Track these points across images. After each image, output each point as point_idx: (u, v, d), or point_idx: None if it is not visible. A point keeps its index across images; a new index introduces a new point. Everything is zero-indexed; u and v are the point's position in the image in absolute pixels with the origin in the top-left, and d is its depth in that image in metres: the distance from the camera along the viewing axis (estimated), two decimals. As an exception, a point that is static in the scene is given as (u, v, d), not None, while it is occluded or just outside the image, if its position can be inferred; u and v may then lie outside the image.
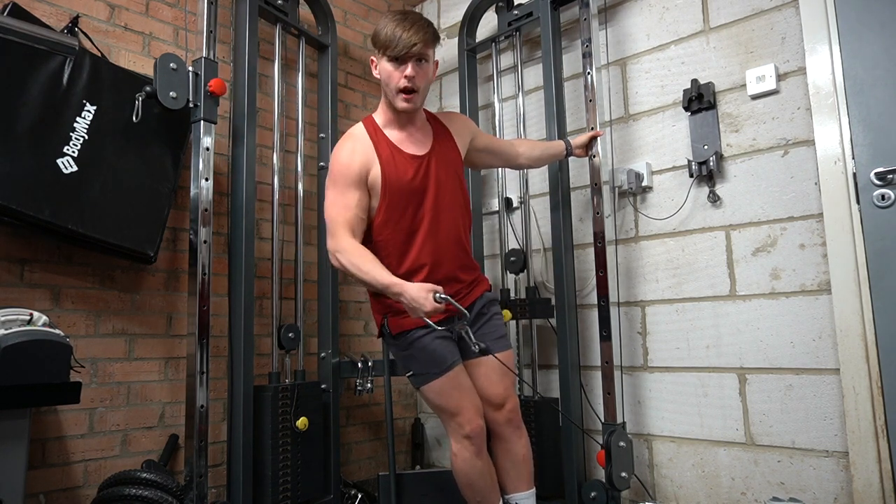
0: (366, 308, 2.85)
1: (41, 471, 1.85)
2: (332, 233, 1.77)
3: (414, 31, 1.76)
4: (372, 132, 1.86)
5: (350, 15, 3.00)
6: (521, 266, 2.58)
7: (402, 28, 1.76)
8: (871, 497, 1.78)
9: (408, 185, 1.82)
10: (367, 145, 1.83)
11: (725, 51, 2.19)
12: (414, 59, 1.78)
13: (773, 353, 2.02)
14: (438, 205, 1.86)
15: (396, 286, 1.65)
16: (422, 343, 1.82)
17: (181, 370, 2.17)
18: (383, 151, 1.83)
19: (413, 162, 1.85)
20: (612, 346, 2.17)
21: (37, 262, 1.90)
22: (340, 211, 1.77)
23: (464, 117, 2.18)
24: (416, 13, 1.85)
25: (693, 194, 2.23)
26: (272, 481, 2.12)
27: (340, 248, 1.74)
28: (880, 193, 1.83)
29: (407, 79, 1.78)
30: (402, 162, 1.83)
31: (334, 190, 1.80)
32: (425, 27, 1.80)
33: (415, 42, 1.75)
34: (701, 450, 2.16)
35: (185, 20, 2.31)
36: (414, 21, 1.78)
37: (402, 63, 1.78)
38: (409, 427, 2.96)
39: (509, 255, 2.61)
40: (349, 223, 1.77)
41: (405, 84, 1.79)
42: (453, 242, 1.88)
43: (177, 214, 2.18)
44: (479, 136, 2.11)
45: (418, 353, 1.82)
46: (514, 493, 1.92)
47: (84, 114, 1.89)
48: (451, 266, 1.87)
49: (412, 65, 1.78)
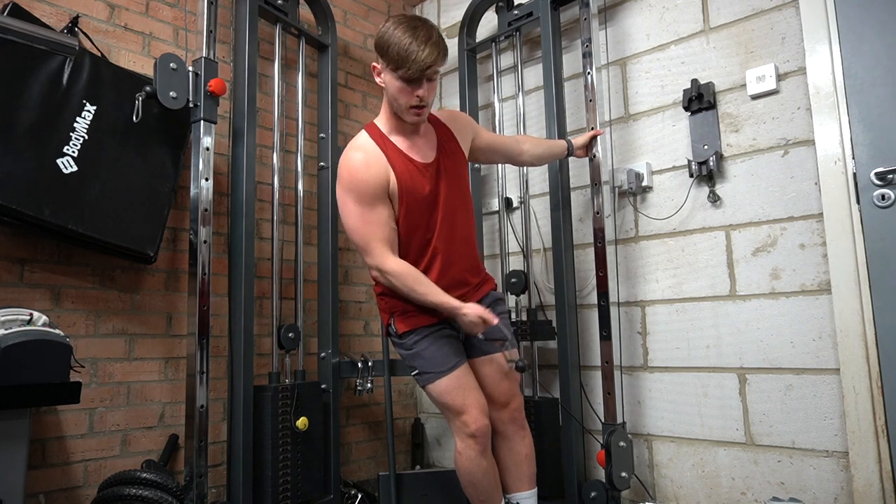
0: (366, 308, 2.85)
1: (41, 471, 1.85)
2: (372, 252, 1.74)
3: (428, 53, 1.65)
4: (379, 142, 1.80)
5: (350, 15, 3.00)
6: (523, 288, 2.56)
7: (415, 47, 1.64)
8: (871, 497, 1.78)
9: (423, 195, 1.80)
10: (379, 157, 1.77)
11: (725, 51, 2.19)
12: (426, 79, 1.71)
13: (773, 353, 2.02)
14: (449, 209, 1.85)
15: (462, 308, 1.73)
16: (427, 342, 1.82)
17: (181, 370, 2.17)
18: (396, 163, 1.77)
19: (426, 171, 1.82)
20: (612, 346, 2.17)
21: (37, 262, 1.90)
22: (376, 229, 1.74)
23: (464, 116, 2.13)
24: (427, 25, 1.71)
25: (693, 194, 2.23)
26: (272, 481, 2.11)
27: (389, 269, 1.74)
28: (880, 193, 1.83)
29: (419, 98, 1.72)
30: (415, 173, 1.80)
31: (359, 207, 1.74)
32: (437, 44, 1.69)
33: (429, 64, 1.67)
34: (701, 450, 2.16)
35: (185, 20, 2.31)
36: (427, 39, 1.67)
37: (414, 84, 1.69)
38: (409, 427, 2.96)
39: (510, 276, 2.59)
40: (388, 240, 1.76)
41: (417, 102, 1.73)
42: (464, 244, 1.89)
43: (177, 214, 2.18)
44: (480, 133, 2.09)
45: (424, 352, 1.82)
46: (515, 493, 1.92)
47: (84, 114, 1.89)
48: (461, 268, 1.87)
49: (425, 84, 1.71)
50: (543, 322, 2.48)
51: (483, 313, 1.73)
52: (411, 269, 1.76)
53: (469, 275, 1.90)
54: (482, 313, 1.73)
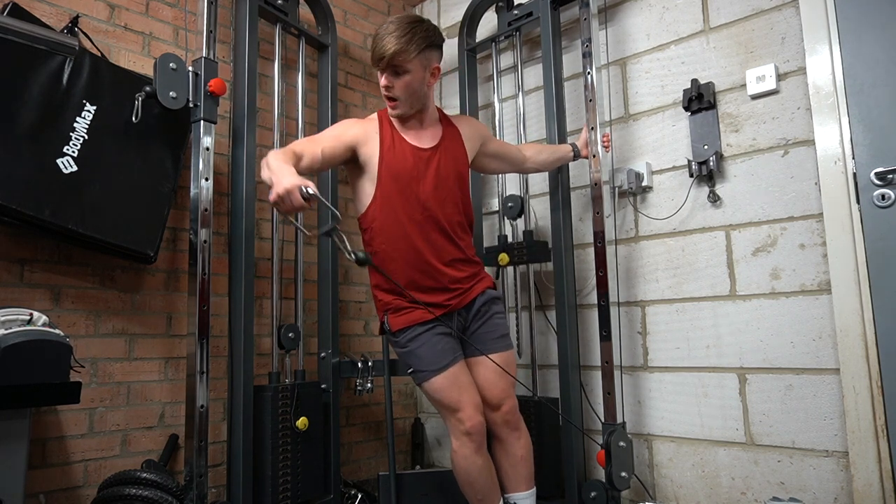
0: (366, 308, 2.85)
1: (41, 471, 1.85)
2: (292, 144, 1.79)
3: (386, 42, 1.75)
4: (381, 120, 1.91)
5: (350, 15, 3.00)
6: (519, 211, 2.58)
7: (380, 37, 1.77)
8: (871, 497, 1.78)
9: (405, 172, 1.84)
10: (373, 125, 1.89)
11: (725, 51, 2.19)
12: (388, 70, 1.80)
13: (773, 353, 2.02)
14: (433, 198, 1.86)
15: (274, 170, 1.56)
16: (422, 340, 1.83)
17: (181, 370, 2.17)
18: (386, 137, 1.87)
19: (414, 152, 1.88)
20: (612, 346, 2.16)
21: (37, 262, 1.90)
22: (305, 142, 1.83)
23: (477, 122, 2.21)
24: (411, 20, 1.81)
25: (693, 194, 2.23)
26: (272, 481, 2.11)
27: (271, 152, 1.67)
28: (880, 193, 1.83)
29: (384, 88, 1.83)
30: (401, 150, 1.86)
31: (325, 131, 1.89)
32: (401, 36, 1.75)
33: (382, 54, 1.76)
34: (701, 450, 2.16)
35: (185, 20, 2.31)
36: (394, 30, 1.76)
37: (380, 71, 1.82)
38: (409, 427, 2.96)
39: (506, 200, 2.60)
40: (302, 148, 1.75)
41: (384, 92, 1.85)
42: (445, 237, 1.89)
43: (177, 214, 2.18)
44: (490, 141, 2.12)
45: (418, 350, 1.83)
46: (513, 493, 1.92)
47: (84, 114, 1.89)
48: (446, 257, 1.88)
49: (386, 75, 1.81)
50: (539, 243, 2.49)
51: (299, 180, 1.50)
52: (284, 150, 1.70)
53: (455, 266, 1.89)
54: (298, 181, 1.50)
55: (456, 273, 1.90)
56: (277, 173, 1.54)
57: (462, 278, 1.91)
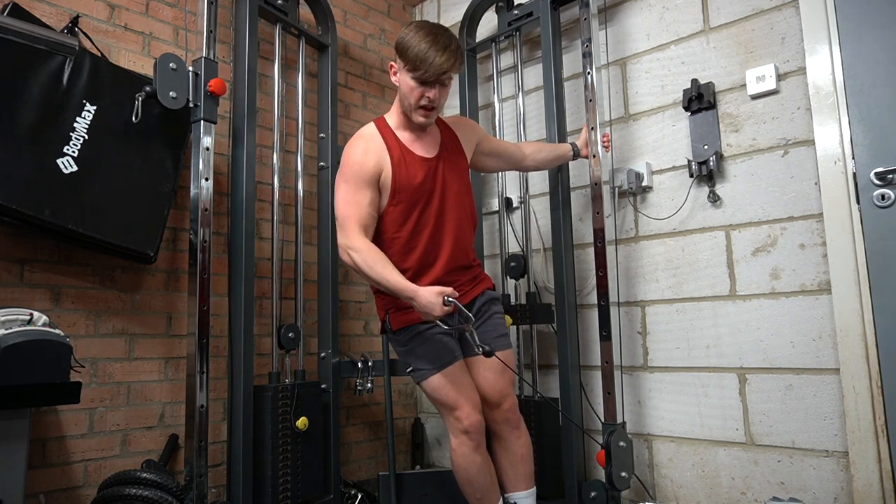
0: (366, 308, 2.85)
1: (41, 471, 1.85)
2: (345, 229, 1.78)
3: (446, 58, 1.74)
4: (383, 132, 1.88)
5: (350, 15, 3.00)
6: (522, 271, 2.57)
7: (434, 51, 1.73)
8: (871, 497, 1.78)
9: (417, 186, 1.84)
10: (379, 145, 1.85)
11: (725, 51, 2.19)
12: (439, 83, 1.80)
13: (773, 353, 2.02)
14: (444, 207, 1.88)
15: (409, 291, 1.69)
16: (422, 339, 1.84)
17: (181, 370, 2.17)
18: (395, 152, 1.85)
19: (423, 164, 1.87)
20: (612, 346, 2.16)
21: (37, 262, 1.90)
22: (354, 209, 1.78)
23: (472, 122, 2.21)
24: (448, 34, 1.81)
25: (693, 194, 2.23)
26: (272, 481, 2.12)
27: (354, 246, 1.75)
28: (880, 193, 1.83)
29: (429, 100, 1.80)
30: (412, 163, 1.85)
31: (347, 187, 1.81)
32: (455, 50, 1.78)
33: (446, 69, 1.76)
34: (701, 450, 2.16)
35: (185, 20, 2.31)
36: (446, 45, 1.76)
37: (428, 86, 1.79)
38: (409, 427, 2.96)
39: (509, 259, 2.60)
40: (362, 221, 1.78)
41: (426, 103, 1.81)
42: (455, 244, 1.90)
43: (177, 214, 2.18)
44: (485, 140, 2.13)
45: (418, 349, 1.84)
46: (513, 493, 1.93)
47: (84, 114, 1.89)
48: (451, 265, 1.89)
49: (437, 88, 1.80)
50: (542, 305, 2.49)
51: (438, 289, 1.68)
52: (375, 249, 1.76)
53: (461, 272, 1.91)
54: (437, 291, 1.68)
55: (460, 277, 1.91)
56: (411, 294, 1.68)
57: (465, 281, 1.92)
